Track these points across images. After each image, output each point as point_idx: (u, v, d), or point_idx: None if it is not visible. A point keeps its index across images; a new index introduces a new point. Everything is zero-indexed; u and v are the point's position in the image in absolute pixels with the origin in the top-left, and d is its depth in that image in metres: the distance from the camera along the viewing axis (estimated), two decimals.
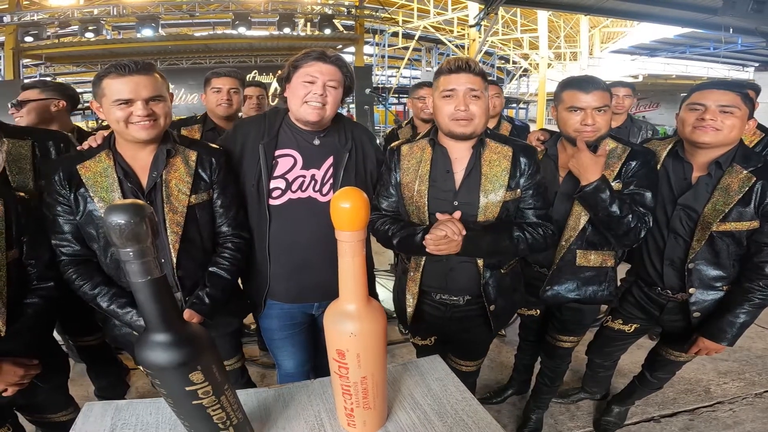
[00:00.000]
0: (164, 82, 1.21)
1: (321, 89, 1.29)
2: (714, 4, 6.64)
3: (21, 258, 1.19)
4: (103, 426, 0.88)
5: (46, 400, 1.37)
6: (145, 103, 1.14)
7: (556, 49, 17.97)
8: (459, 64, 1.28)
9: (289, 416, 0.91)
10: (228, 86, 2.13)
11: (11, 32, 9.11)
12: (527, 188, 1.35)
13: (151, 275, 0.54)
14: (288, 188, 1.37)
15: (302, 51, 1.35)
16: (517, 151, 1.34)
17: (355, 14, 10.56)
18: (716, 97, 1.34)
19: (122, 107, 1.12)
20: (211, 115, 2.22)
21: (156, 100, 1.16)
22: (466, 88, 1.26)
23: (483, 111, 1.29)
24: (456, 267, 1.38)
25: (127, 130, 1.15)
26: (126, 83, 1.12)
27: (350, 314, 0.75)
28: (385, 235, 1.37)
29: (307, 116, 1.31)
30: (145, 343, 0.60)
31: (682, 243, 1.47)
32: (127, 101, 1.12)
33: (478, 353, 1.63)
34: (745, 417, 2.07)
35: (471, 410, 0.93)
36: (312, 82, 1.29)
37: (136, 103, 1.13)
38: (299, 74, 1.31)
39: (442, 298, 1.44)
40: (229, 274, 1.33)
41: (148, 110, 1.14)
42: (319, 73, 1.29)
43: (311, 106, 1.30)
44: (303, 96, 1.30)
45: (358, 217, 0.70)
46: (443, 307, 1.45)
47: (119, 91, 1.12)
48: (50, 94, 1.85)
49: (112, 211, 0.51)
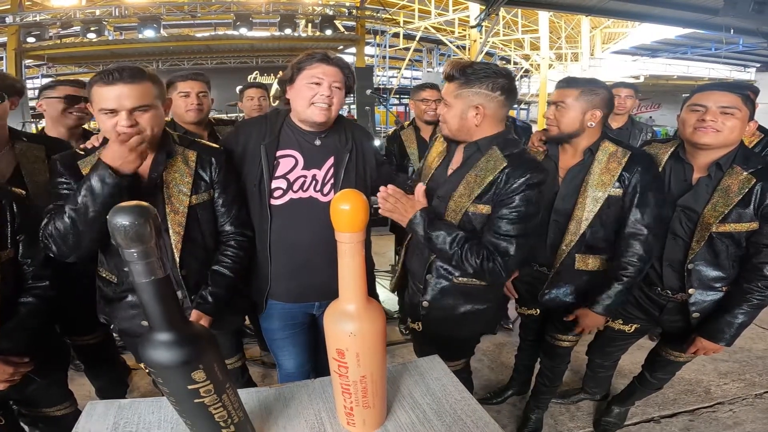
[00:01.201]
0: (156, 88, 1.17)
1: (328, 90, 1.31)
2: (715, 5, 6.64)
3: (16, 257, 1.19)
4: (106, 425, 0.88)
5: (41, 394, 1.36)
6: (129, 114, 1.10)
7: (557, 49, 17.94)
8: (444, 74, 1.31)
9: (289, 415, 0.92)
10: (196, 90, 2.01)
11: (13, 33, 9.11)
12: (499, 207, 1.23)
13: (154, 275, 0.55)
14: (289, 188, 1.39)
15: (304, 53, 1.36)
16: (510, 164, 1.23)
17: (356, 15, 10.56)
18: (717, 98, 1.35)
19: (108, 116, 1.10)
20: (178, 120, 2.06)
21: (142, 109, 1.12)
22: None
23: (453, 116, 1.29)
24: (417, 252, 1.47)
25: (116, 140, 1.12)
26: (110, 92, 1.08)
27: (350, 314, 0.76)
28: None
29: (315, 117, 1.33)
30: (149, 341, 0.61)
31: (681, 244, 1.48)
32: (112, 111, 1.10)
33: (458, 353, 1.61)
34: (745, 418, 2.07)
35: (470, 410, 0.94)
36: (318, 83, 1.31)
37: (120, 113, 1.09)
38: (304, 76, 1.32)
39: (417, 284, 1.50)
40: (231, 272, 1.34)
41: (131, 121, 1.10)
42: (324, 75, 1.31)
43: (318, 107, 1.32)
44: (310, 97, 1.32)
45: (358, 218, 0.71)
46: (420, 294, 1.49)
47: (104, 100, 1.09)
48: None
49: (116, 212, 0.52)
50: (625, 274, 1.47)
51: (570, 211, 1.52)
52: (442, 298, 1.40)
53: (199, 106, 2.03)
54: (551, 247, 1.59)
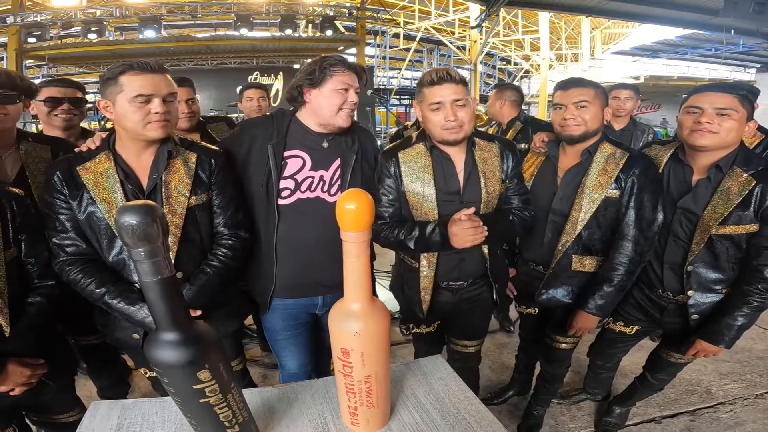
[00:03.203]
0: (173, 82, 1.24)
1: (355, 97, 1.36)
2: (715, 6, 6.65)
3: (20, 257, 1.19)
4: (110, 425, 0.89)
5: (53, 400, 1.37)
6: (162, 101, 1.16)
7: (557, 50, 17.95)
8: (441, 75, 1.34)
9: (293, 415, 0.92)
10: (184, 97, 1.97)
11: (14, 33, 9.12)
12: (512, 177, 1.50)
13: (161, 274, 0.56)
14: (297, 188, 1.39)
15: (327, 56, 1.37)
16: (502, 146, 1.48)
17: (356, 16, 10.55)
18: (712, 99, 1.34)
19: (141, 105, 1.13)
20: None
21: (171, 98, 1.19)
22: (451, 99, 1.33)
23: (470, 116, 1.38)
24: (467, 257, 1.48)
25: (144, 130, 1.16)
26: (148, 80, 1.14)
27: (355, 313, 0.77)
28: (398, 239, 1.41)
29: (341, 123, 1.38)
30: (155, 341, 0.61)
31: (681, 246, 1.48)
32: (148, 97, 1.13)
33: (480, 332, 1.72)
34: (746, 418, 2.07)
35: (473, 409, 0.94)
36: (346, 89, 1.35)
37: (155, 100, 1.14)
38: (334, 81, 1.34)
39: (449, 284, 1.53)
40: (214, 270, 1.30)
41: (165, 108, 1.16)
42: (351, 81, 1.36)
43: (346, 113, 1.37)
44: (339, 104, 1.35)
45: (364, 218, 0.72)
46: (451, 292, 1.55)
47: (141, 87, 1.13)
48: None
49: (124, 211, 0.53)
50: (616, 275, 1.48)
51: (567, 211, 1.53)
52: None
53: (190, 113, 2.03)
54: (548, 247, 1.60)
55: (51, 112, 1.80)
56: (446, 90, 1.32)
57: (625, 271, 1.48)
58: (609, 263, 1.50)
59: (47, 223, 1.22)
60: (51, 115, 1.81)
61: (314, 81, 1.35)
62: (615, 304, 1.59)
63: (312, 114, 1.40)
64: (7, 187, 1.20)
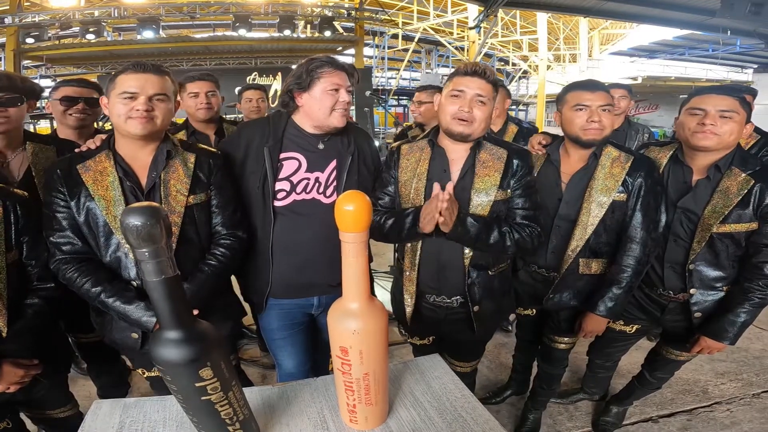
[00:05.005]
0: (174, 86, 1.25)
1: (347, 96, 1.35)
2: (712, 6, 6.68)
3: (21, 259, 1.19)
4: (112, 423, 0.89)
5: (45, 396, 1.37)
6: (148, 100, 1.17)
7: (555, 51, 18.00)
8: (475, 69, 1.32)
9: (292, 413, 0.93)
10: (205, 89, 2.14)
11: (12, 33, 9.11)
12: (516, 189, 1.38)
13: (165, 274, 0.57)
14: (293, 190, 1.40)
15: (313, 58, 1.37)
16: (512, 153, 1.39)
17: (355, 16, 10.58)
18: (716, 101, 1.37)
19: (126, 101, 1.16)
20: (191, 119, 2.23)
21: (159, 97, 1.19)
22: (474, 92, 1.30)
23: (485, 117, 1.33)
24: (447, 265, 1.41)
25: (125, 125, 1.17)
26: (136, 79, 1.16)
27: (353, 312, 0.78)
28: (379, 224, 1.39)
29: (336, 123, 1.37)
30: (158, 339, 0.62)
31: (682, 245, 1.49)
32: (132, 95, 1.15)
33: (472, 355, 1.66)
34: (742, 417, 2.09)
35: (470, 407, 0.95)
36: (337, 89, 1.34)
37: (140, 98, 1.16)
38: (323, 83, 1.34)
39: (436, 301, 1.46)
40: (212, 269, 1.31)
41: (148, 106, 1.17)
42: (341, 81, 1.35)
43: (340, 113, 1.36)
44: (331, 105, 1.35)
45: (362, 218, 0.73)
46: (438, 309, 1.48)
47: (128, 86, 1.16)
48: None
49: (129, 212, 0.54)
50: (624, 277, 1.48)
51: (575, 216, 1.52)
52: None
53: (208, 104, 2.15)
54: (554, 252, 1.59)
55: (66, 111, 1.83)
56: (474, 83, 1.30)
57: (633, 273, 1.48)
58: (617, 265, 1.50)
59: (45, 221, 1.22)
60: (66, 114, 1.84)
61: (303, 84, 1.35)
62: (624, 306, 1.58)
63: (306, 116, 1.40)
64: (12, 188, 1.21)
